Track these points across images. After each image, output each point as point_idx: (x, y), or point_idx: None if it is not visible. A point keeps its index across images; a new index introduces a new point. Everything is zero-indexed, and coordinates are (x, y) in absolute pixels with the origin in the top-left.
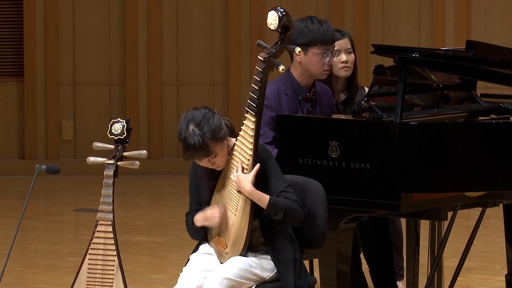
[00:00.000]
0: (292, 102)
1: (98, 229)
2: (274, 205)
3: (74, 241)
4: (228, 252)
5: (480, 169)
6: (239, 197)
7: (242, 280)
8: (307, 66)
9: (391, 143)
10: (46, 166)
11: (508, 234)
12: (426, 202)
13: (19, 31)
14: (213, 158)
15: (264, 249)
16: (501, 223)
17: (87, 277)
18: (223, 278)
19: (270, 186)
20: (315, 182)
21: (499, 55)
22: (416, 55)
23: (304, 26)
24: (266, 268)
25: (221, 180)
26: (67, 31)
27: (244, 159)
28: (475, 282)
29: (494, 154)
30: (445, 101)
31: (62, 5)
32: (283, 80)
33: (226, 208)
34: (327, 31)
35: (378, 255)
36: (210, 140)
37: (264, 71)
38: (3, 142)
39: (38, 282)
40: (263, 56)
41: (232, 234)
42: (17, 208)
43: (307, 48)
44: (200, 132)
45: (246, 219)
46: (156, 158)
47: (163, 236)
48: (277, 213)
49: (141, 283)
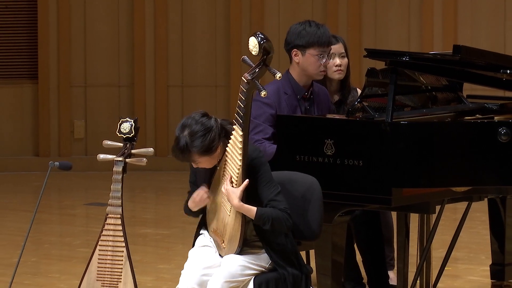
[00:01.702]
0: (291, 101)
1: (107, 222)
2: (262, 217)
3: (85, 233)
4: (225, 246)
5: (466, 165)
6: None
7: (242, 278)
8: (305, 67)
9: (383, 141)
10: (59, 163)
11: (492, 227)
12: (415, 196)
13: (34, 37)
14: (196, 164)
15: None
16: (486, 216)
17: (97, 267)
18: (224, 282)
19: (261, 194)
20: (312, 177)
21: (484, 58)
22: (406, 59)
23: (302, 28)
24: (262, 260)
25: (216, 179)
26: (78, 37)
27: (234, 172)
28: (462, 271)
29: (479, 151)
30: (433, 102)
31: (74, 12)
32: (283, 80)
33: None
34: (323, 33)
35: (370, 246)
36: (196, 153)
37: (248, 91)
38: (19, 140)
39: (51, 271)
40: (247, 77)
41: (227, 232)
42: (32, 202)
43: (304, 49)
44: (189, 142)
45: (238, 222)
46: (162, 155)
47: (168, 229)
48: (265, 224)
49: (148, 272)
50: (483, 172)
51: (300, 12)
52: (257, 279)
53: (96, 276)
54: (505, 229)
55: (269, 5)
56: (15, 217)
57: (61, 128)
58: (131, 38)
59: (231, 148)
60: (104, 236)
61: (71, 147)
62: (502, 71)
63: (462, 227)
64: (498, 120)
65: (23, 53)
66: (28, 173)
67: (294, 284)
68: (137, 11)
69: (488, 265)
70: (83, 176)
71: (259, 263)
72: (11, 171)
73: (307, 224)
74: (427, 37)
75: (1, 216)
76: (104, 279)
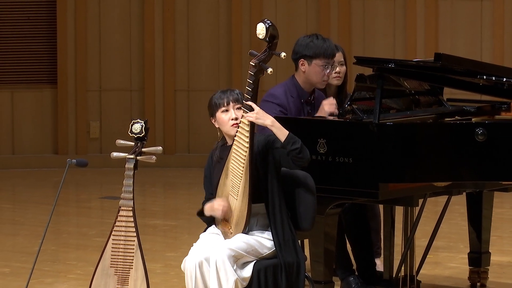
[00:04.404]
0: (296, 104)
1: (120, 214)
2: (293, 137)
3: (100, 224)
4: (232, 232)
5: (446, 162)
6: (240, 184)
7: (243, 252)
8: (310, 76)
9: (370, 141)
10: (76, 160)
11: (470, 218)
12: (400, 190)
13: (53, 46)
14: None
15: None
16: (464, 209)
17: (111, 255)
18: (227, 248)
19: (279, 150)
20: (306, 173)
21: (462, 65)
22: (392, 66)
23: (310, 41)
24: (264, 246)
25: (224, 171)
26: (94, 46)
27: (242, 151)
28: (442, 258)
29: (458, 150)
30: (416, 104)
31: (90, 23)
32: (289, 84)
33: (230, 195)
34: (329, 46)
35: (358, 236)
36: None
37: (256, 74)
38: (40, 140)
39: (69, 259)
40: (254, 62)
41: (235, 216)
42: (51, 196)
43: (311, 59)
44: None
45: (245, 201)
46: (170, 153)
47: (176, 220)
48: (294, 143)
49: (157, 259)
50: (462, 169)
51: (295, 24)
52: (256, 265)
53: (110, 263)
54: (482, 220)
55: (266, 17)
56: (36, 210)
57: (78, 129)
58: (142, 47)
59: (239, 134)
60: (117, 226)
61: (87, 146)
62: (479, 76)
63: (442, 219)
64: (475, 121)
65: (43, 60)
66: (48, 170)
67: (290, 270)
68: (147, 22)
69: (466, 253)
70: (98, 172)
71: (260, 247)
72: (33, 168)
73: (302, 215)
74: (410, 46)
75: (23, 209)
76: (117, 265)
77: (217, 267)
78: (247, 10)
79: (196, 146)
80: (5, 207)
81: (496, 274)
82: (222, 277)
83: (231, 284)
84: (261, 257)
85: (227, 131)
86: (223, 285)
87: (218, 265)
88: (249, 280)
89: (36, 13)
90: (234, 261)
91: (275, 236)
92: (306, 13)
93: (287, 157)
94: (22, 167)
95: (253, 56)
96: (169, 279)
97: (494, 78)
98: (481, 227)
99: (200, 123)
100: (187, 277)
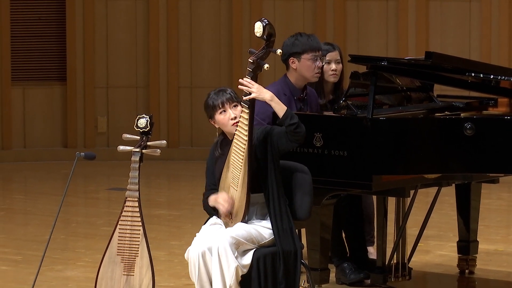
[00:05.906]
0: (289, 101)
1: (126, 204)
2: (291, 112)
3: (107, 214)
4: (232, 221)
5: (436, 155)
6: (239, 175)
7: (243, 240)
8: (302, 72)
9: (364, 135)
10: (84, 153)
11: (459, 208)
12: (392, 182)
13: (63, 45)
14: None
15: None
16: (453, 199)
17: (117, 243)
18: (229, 236)
19: (276, 134)
20: (303, 166)
21: (452, 63)
22: (385, 63)
23: (295, 39)
24: (263, 235)
25: (226, 165)
26: (101, 45)
27: (241, 144)
28: (432, 247)
29: (447, 143)
30: (408, 100)
31: (97, 23)
32: (281, 83)
33: (230, 186)
34: (313, 40)
35: (352, 225)
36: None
37: (254, 71)
38: (50, 134)
39: (78, 247)
40: (252, 59)
41: (235, 207)
42: (61, 187)
43: (300, 55)
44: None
45: (244, 191)
46: (173, 147)
47: (179, 210)
48: (292, 117)
49: (162, 248)
50: (451, 161)
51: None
52: (256, 253)
53: (117, 251)
54: (470, 210)
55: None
56: (47, 200)
57: (86, 123)
58: (147, 46)
59: (239, 128)
60: (123, 216)
61: (95, 139)
62: (468, 74)
63: (433, 209)
64: (464, 117)
65: (53, 59)
66: (57, 162)
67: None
68: (152, 22)
69: (455, 241)
70: (106, 165)
71: (260, 236)
72: (43, 161)
73: (299, 206)
74: (402, 45)
75: (34, 200)
76: (123, 253)
77: (219, 254)
78: (247, 11)
79: (199, 140)
80: (17, 198)
81: (483, 261)
82: (223, 264)
83: (232, 270)
84: (260, 245)
85: (229, 131)
86: (225, 272)
87: (220, 252)
88: (249, 267)
89: (47, 14)
90: (235, 248)
91: (274, 225)
92: (303, 14)
93: (285, 134)
94: (33, 160)
95: (252, 54)
96: (173, 266)
97: (482, 75)
98: (469, 217)
99: (203, 118)
100: (191, 266)
